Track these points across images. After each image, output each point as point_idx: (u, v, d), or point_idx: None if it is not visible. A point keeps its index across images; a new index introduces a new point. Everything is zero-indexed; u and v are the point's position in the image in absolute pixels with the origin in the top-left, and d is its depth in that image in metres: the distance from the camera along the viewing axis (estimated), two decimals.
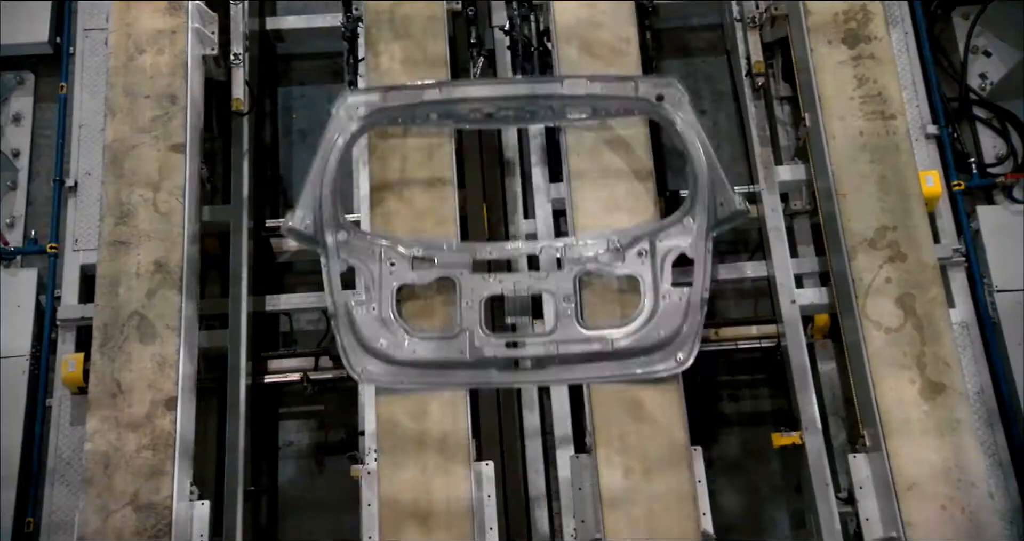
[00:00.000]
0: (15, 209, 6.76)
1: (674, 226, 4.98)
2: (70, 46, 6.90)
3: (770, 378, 6.11)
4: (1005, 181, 6.53)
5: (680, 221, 4.97)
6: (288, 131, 7.08)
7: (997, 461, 5.86)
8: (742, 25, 6.28)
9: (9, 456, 6.02)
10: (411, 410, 5.06)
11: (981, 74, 6.89)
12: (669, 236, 4.97)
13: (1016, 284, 6.20)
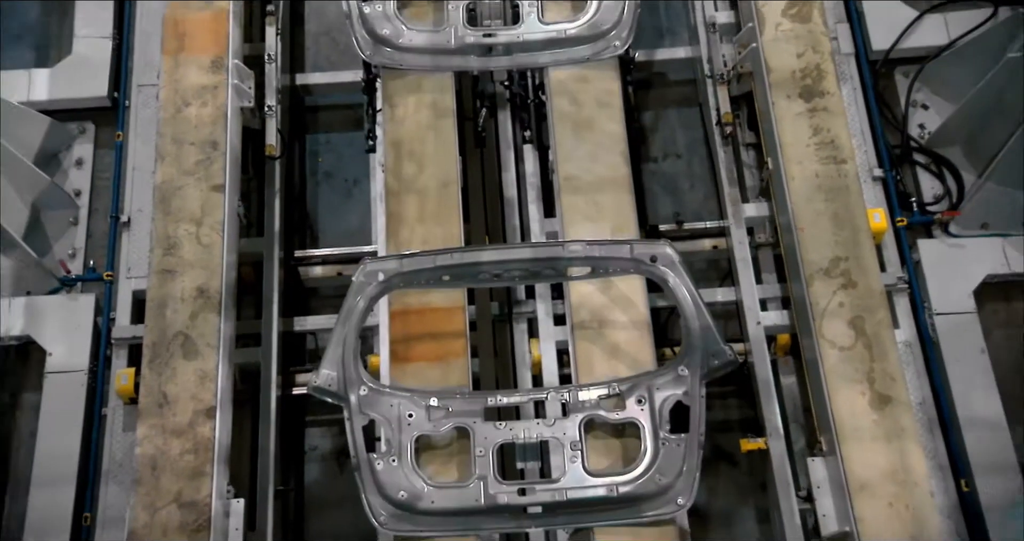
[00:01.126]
0: (76, 242, 6.78)
1: (670, 374, 4.97)
2: (126, 100, 6.92)
3: (738, 390, 6.13)
4: (942, 218, 6.58)
5: (675, 370, 4.96)
6: (314, 173, 7.09)
7: (937, 464, 5.91)
8: (712, 81, 6.34)
9: (69, 459, 6.04)
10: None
11: (920, 124, 6.96)
12: (665, 384, 4.96)
13: (952, 308, 6.27)
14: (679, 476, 4.88)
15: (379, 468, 4.87)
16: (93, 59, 7.12)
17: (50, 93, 7.03)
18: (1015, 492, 5.90)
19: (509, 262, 5.11)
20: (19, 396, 6.52)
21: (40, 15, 7.53)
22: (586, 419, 5.01)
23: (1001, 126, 6.44)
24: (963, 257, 6.45)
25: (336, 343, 5.00)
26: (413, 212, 5.74)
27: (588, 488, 4.87)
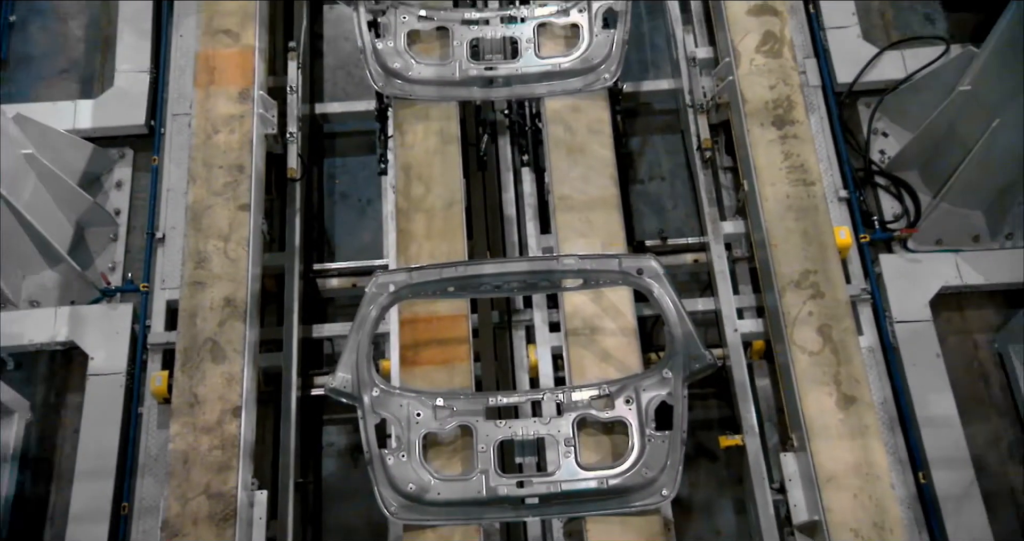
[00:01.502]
0: (116, 256, 6.75)
1: (655, 377, 4.93)
2: (161, 127, 6.90)
3: (717, 391, 6.08)
4: (901, 235, 6.53)
5: (660, 372, 4.93)
6: (332, 193, 7.04)
7: (897, 458, 5.87)
8: (693, 110, 6.27)
9: (109, 453, 6.00)
10: None
11: (881, 150, 6.92)
12: (651, 386, 4.92)
13: (911, 316, 6.25)
14: (663, 470, 4.84)
15: (390, 462, 4.84)
16: (132, 91, 7.09)
17: (93, 122, 7.00)
18: (968, 483, 5.86)
19: (508, 274, 5.08)
20: (64, 396, 6.46)
21: (85, 51, 7.49)
22: (579, 418, 4.98)
23: (953, 152, 6.38)
24: (920, 271, 6.43)
25: (351, 349, 4.96)
26: (421, 229, 5.70)
27: (580, 481, 4.84)
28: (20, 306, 6.47)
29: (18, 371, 6.49)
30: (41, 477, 6.27)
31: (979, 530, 5.79)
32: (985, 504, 5.85)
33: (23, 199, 6.16)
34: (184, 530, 4.85)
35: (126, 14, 7.33)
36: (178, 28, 7.11)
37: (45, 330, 6.32)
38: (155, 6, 7.34)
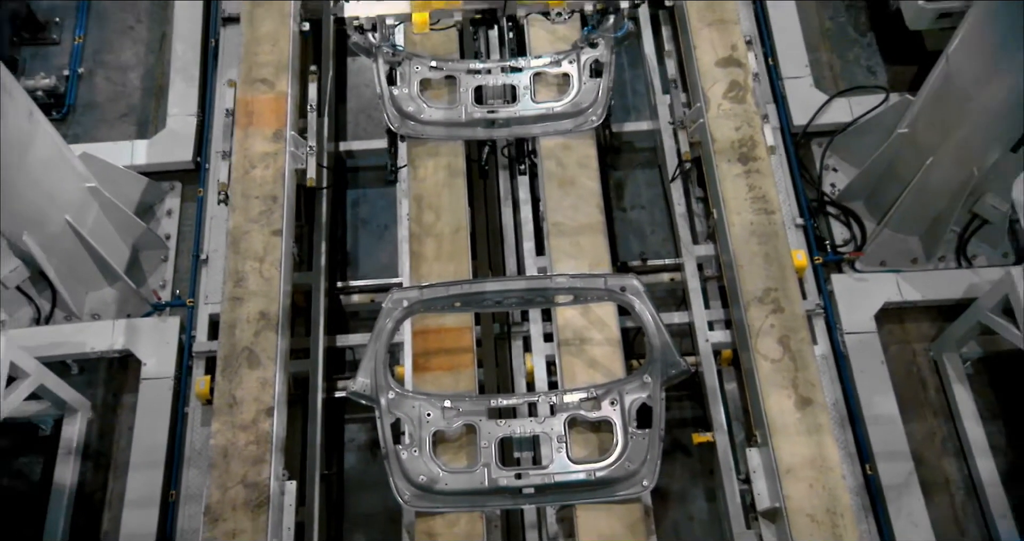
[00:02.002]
0: (166, 275, 6.70)
1: (636, 381, 4.89)
2: (206, 163, 6.86)
3: (691, 394, 6.00)
4: (849, 257, 6.53)
5: (641, 378, 4.89)
6: (354, 220, 6.98)
7: (847, 452, 5.81)
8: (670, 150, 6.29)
9: (158, 448, 5.98)
10: None
11: (831, 183, 6.87)
12: (633, 389, 4.88)
13: (858, 328, 6.22)
14: (644, 463, 4.79)
15: (403, 457, 4.79)
16: (181, 132, 7.05)
17: (148, 158, 6.97)
18: (907, 474, 5.84)
19: (508, 292, 5.02)
20: (120, 397, 6.40)
21: (142, 98, 7.46)
22: (570, 417, 4.91)
23: (894, 186, 6.36)
24: (866, 288, 6.39)
25: (369, 356, 4.91)
26: (431, 252, 5.65)
27: (571, 473, 4.78)
28: (83, 318, 6.43)
29: (81, 375, 6.42)
30: (100, 468, 6.20)
31: (917, 515, 5.74)
32: (923, 492, 5.82)
33: (87, 226, 6.12)
34: (224, 515, 4.78)
35: (177, 66, 7.30)
36: (221, 77, 7.03)
37: (104, 339, 6.26)
38: (202, 59, 7.31)
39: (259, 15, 6.10)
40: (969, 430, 6.02)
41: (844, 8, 7.66)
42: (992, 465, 5.92)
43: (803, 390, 5.03)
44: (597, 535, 4.87)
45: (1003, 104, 5.39)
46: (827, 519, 4.74)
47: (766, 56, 7.17)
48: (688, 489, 6.03)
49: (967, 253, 6.55)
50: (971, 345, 6.23)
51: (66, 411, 6.12)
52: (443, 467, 4.82)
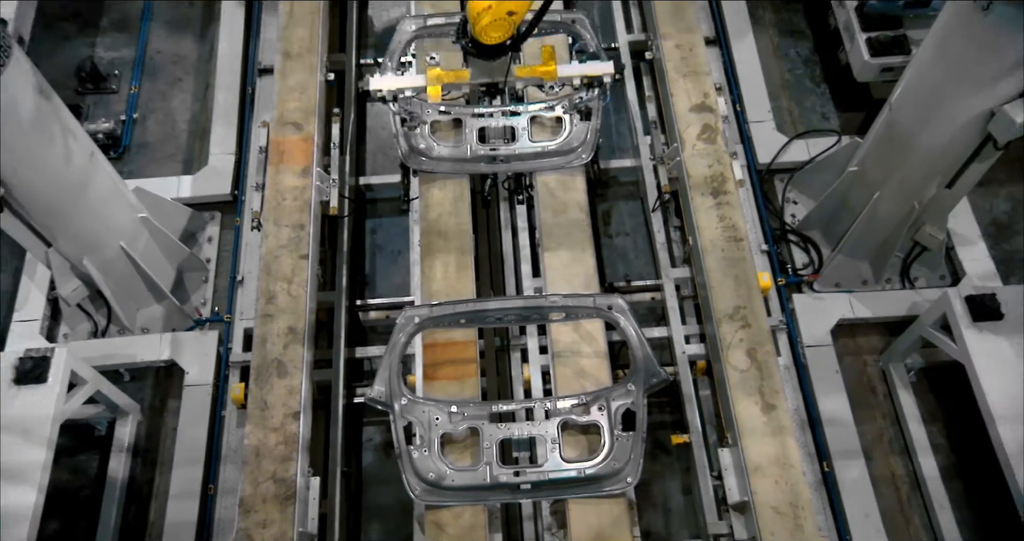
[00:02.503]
0: (206, 294, 6.59)
1: (621, 389, 4.85)
2: (242, 195, 6.77)
3: (670, 400, 5.86)
4: (808, 279, 6.43)
5: (625, 386, 4.84)
6: (372, 246, 6.87)
7: (807, 452, 5.72)
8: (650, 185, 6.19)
9: (199, 446, 5.88)
10: None
11: (792, 214, 6.77)
12: (618, 396, 4.83)
13: (816, 342, 6.13)
14: (628, 462, 4.74)
15: (415, 456, 4.74)
16: (221, 168, 6.96)
17: (192, 192, 6.87)
18: (860, 471, 5.75)
19: (507, 310, 4.99)
20: (166, 402, 6.29)
21: (187, 139, 7.38)
22: (562, 421, 4.86)
23: (846, 217, 6.26)
24: (823, 307, 6.28)
25: (385, 367, 4.86)
26: (439, 273, 5.57)
27: (564, 471, 4.73)
28: (134, 332, 6.32)
29: (132, 382, 6.32)
30: (148, 464, 6.08)
31: (868, 506, 5.64)
32: (873, 486, 5.73)
33: (139, 251, 6.02)
34: (256, 507, 4.70)
35: (218, 112, 7.22)
36: (256, 121, 6.99)
37: (152, 351, 6.17)
38: (240, 105, 7.24)
39: (290, 67, 6.05)
40: (913, 431, 5.93)
41: (801, 62, 7.64)
42: (933, 462, 5.83)
43: (768, 397, 4.95)
44: (586, 526, 4.79)
45: (939, 147, 5.34)
46: (789, 511, 4.65)
47: (734, 103, 7.12)
48: (667, 485, 5.90)
49: (910, 276, 6.45)
50: (914, 356, 6.15)
51: (119, 414, 6.03)
52: (450, 465, 4.77)
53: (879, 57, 6.61)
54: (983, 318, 5.15)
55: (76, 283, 5.99)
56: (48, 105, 4.93)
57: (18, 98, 4.66)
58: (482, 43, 4.62)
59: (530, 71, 5.21)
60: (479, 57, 4.86)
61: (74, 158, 5.21)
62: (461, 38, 4.78)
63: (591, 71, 5.29)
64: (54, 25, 7.83)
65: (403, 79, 5.34)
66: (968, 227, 6.54)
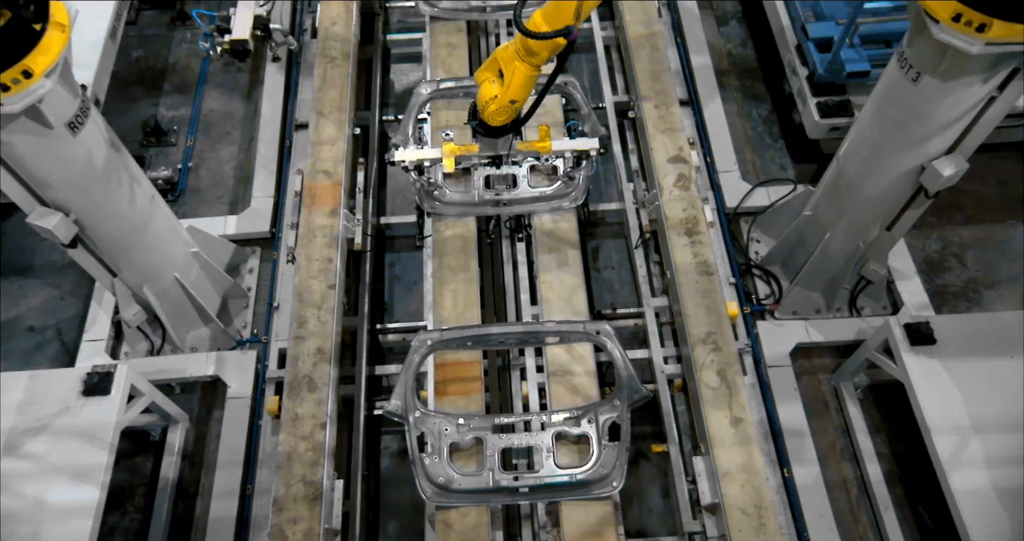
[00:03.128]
0: (247, 318, 6.49)
1: (608, 404, 4.76)
2: (279, 232, 6.71)
3: (650, 414, 5.66)
4: (770, 308, 6.33)
5: (611, 402, 4.75)
6: (390, 277, 6.77)
7: (769, 459, 5.57)
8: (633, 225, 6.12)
9: (239, 451, 5.78)
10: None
11: (755, 251, 6.67)
12: (605, 411, 4.75)
13: (778, 363, 6.04)
14: (614, 468, 4.63)
15: (426, 462, 4.63)
16: (261, 210, 6.91)
17: (236, 229, 6.80)
18: (815, 476, 5.63)
19: (508, 334, 4.92)
20: (211, 412, 6.16)
21: (233, 184, 7.32)
22: (556, 432, 4.75)
23: (802, 254, 6.18)
24: (783, 332, 6.17)
25: (401, 383, 4.76)
26: (449, 302, 5.46)
27: (557, 476, 4.62)
28: (185, 351, 6.21)
29: (182, 394, 6.21)
30: (195, 466, 5.95)
31: (823, 508, 5.50)
32: (827, 489, 5.59)
33: (190, 280, 5.94)
34: (288, 506, 4.57)
35: (260, 161, 7.19)
36: (292, 169, 6.92)
37: (200, 367, 6.06)
38: (279, 155, 7.20)
39: (322, 123, 6.00)
40: (860, 441, 5.82)
41: (761, 121, 7.60)
42: (878, 468, 5.73)
43: (736, 411, 4.83)
44: (577, 525, 4.67)
45: (879, 195, 5.28)
46: (754, 512, 4.54)
47: (705, 155, 7.05)
48: (648, 488, 5.77)
49: (857, 306, 6.34)
50: (861, 376, 6.03)
51: (170, 422, 5.92)
52: (457, 471, 4.67)
53: (827, 118, 6.57)
54: (919, 343, 5.07)
55: (136, 308, 5.91)
56: (118, 156, 4.90)
57: (93, 151, 4.63)
58: (489, 125, 4.64)
59: (528, 146, 5.21)
60: (486, 136, 4.84)
61: (138, 201, 5.17)
62: (472, 120, 4.78)
63: (580, 147, 5.31)
64: (125, 89, 7.85)
65: (424, 152, 5.33)
66: (905, 264, 6.46)
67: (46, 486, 4.61)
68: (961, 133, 4.70)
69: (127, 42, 7.87)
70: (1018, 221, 6.84)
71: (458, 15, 5.57)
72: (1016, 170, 7.07)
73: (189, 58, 8.10)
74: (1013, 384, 4.89)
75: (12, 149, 4.30)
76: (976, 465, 4.67)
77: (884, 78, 4.79)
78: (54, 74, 3.99)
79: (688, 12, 7.94)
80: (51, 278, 6.71)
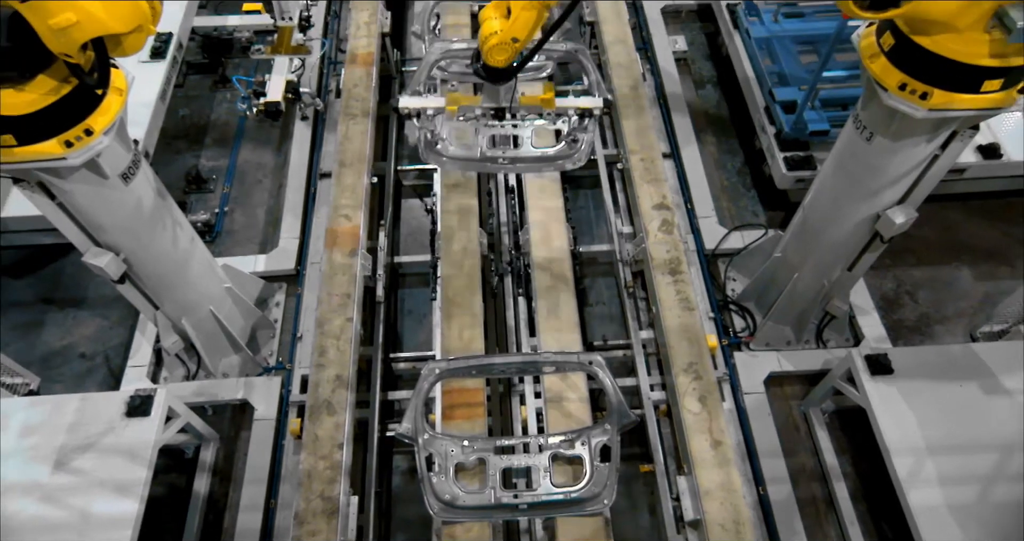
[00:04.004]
0: (273, 347, 6.47)
1: (600, 428, 4.65)
2: (304, 270, 6.74)
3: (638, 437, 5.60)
4: (745, 340, 6.33)
5: (603, 426, 4.65)
6: (402, 310, 6.76)
7: (746, 478, 5.56)
8: (622, 264, 6.05)
9: (264, 469, 5.73)
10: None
11: (732, 289, 6.68)
12: (597, 434, 4.63)
13: (753, 390, 6.02)
14: (605, 487, 4.50)
15: (434, 481, 4.51)
16: (288, 249, 6.93)
17: (265, 267, 6.82)
18: (787, 494, 5.58)
19: (509, 364, 4.81)
20: (239, 432, 6.10)
21: (263, 227, 7.34)
22: (552, 454, 4.65)
23: (773, 292, 6.19)
24: (757, 362, 6.17)
25: (411, 408, 4.66)
26: (456, 334, 5.42)
27: (553, 494, 4.48)
28: (217, 376, 6.20)
29: (214, 416, 6.17)
30: (224, 482, 5.89)
31: (795, 523, 5.46)
32: (798, 506, 5.55)
33: (223, 313, 5.94)
34: (307, 519, 4.50)
35: (288, 206, 7.24)
36: (317, 213, 7.03)
37: (230, 391, 6.05)
38: (304, 201, 7.25)
39: (344, 173, 6.02)
40: (828, 461, 5.77)
41: (735, 173, 7.65)
42: (844, 486, 5.67)
43: (716, 435, 4.78)
44: (571, 539, 4.61)
45: (840, 240, 5.32)
46: (733, 527, 4.47)
47: (686, 202, 7.13)
48: (636, 505, 5.71)
49: (823, 338, 6.34)
50: (828, 402, 6.00)
51: (203, 441, 5.89)
52: (462, 489, 4.57)
53: (793, 171, 6.64)
54: (879, 373, 5.08)
55: (175, 337, 5.92)
56: (163, 203, 4.96)
57: (142, 198, 4.69)
58: (490, 66, 4.17)
59: (531, 99, 4.72)
60: (487, 80, 4.37)
61: (179, 242, 5.21)
62: (475, 62, 4.31)
63: (584, 104, 4.76)
64: (171, 142, 7.93)
65: (427, 100, 4.91)
66: (865, 301, 6.47)
67: (91, 498, 4.59)
68: (910, 186, 4.78)
69: (175, 102, 8.01)
70: (962, 263, 6.90)
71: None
72: (958, 218, 7.17)
73: (228, 116, 8.22)
74: (962, 409, 4.91)
75: (72, 197, 4.39)
76: (931, 483, 4.66)
77: (842, 137, 4.88)
78: (111, 132, 4.08)
79: (669, 76, 8.11)
80: (101, 310, 6.73)
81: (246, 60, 8.51)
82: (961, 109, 4.00)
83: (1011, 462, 4.70)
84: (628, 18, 7.02)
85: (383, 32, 7.08)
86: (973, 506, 4.58)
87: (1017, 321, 5.93)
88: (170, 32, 7.01)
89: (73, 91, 3.79)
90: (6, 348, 6.32)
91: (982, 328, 6.29)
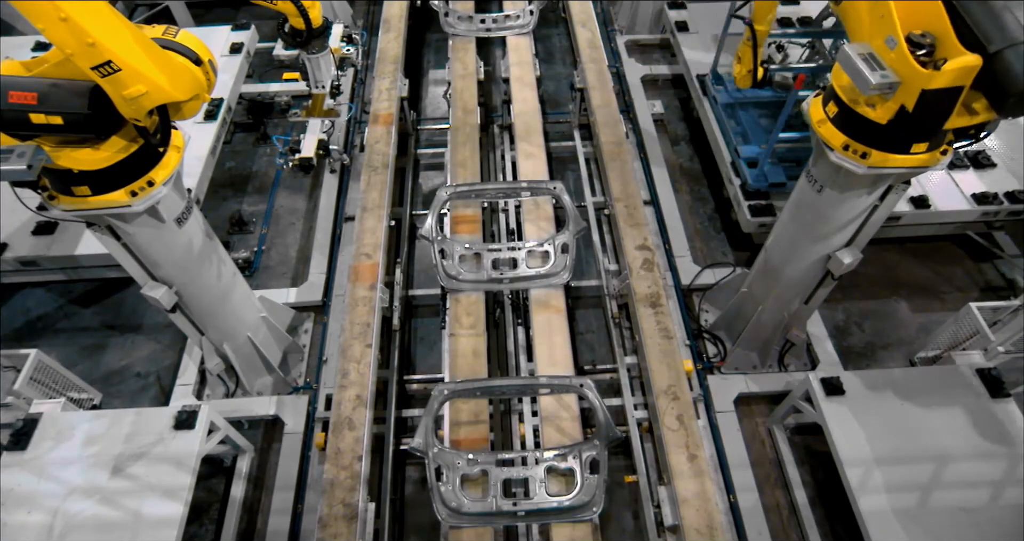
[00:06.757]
0: (302, 369, 6.43)
1: (589, 444, 4.69)
2: (329, 301, 6.74)
3: (624, 451, 5.64)
4: (717, 365, 6.30)
5: (592, 442, 4.69)
6: (415, 338, 6.73)
7: (719, 487, 5.50)
8: (608, 297, 6.06)
9: (292, 477, 5.68)
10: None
11: (705, 319, 6.67)
12: (587, 449, 4.67)
13: (724, 409, 5.97)
14: (594, 496, 4.52)
15: (442, 490, 4.52)
16: (316, 283, 6.93)
17: (296, 299, 6.81)
18: (755, 502, 5.52)
19: (509, 386, 4.82)
20: (271, 444, 6.05)
21: (295, 263, 7.33)
22: (547, 466, 4.65)
23: (741, 322, 6.19)
24: (727, 384, 6.13)
25: (423, 425, 4.68)
26: (462, 359, 5.38)
27: (548, 503, 4.50)
28: (252, 394, 6.16)
29: (249, 429, 6.11)
30: (258, 488, 5.82)
31: (761, 527, 5.42)
32: (764, 512, 5.51)
33: (259, 339, 5.93)
34: (330, 523, 4.44)
35: (316, 246, 7.25)
36: (342, 252, 7.05)
37: (264, 408, 6.01)
38: (331, 241, 7.28)
39: (365, 217, 6.06)
40: (790, 472, 5.73)
41: (707, 218, 7.69)
42: (804, 494, 5.62)
43: (692, 449, 4.74)
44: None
45: (797, 277, 5.35)
46: (707, 531, 4.41)
47: (664, 243, 7.16)
48: (622, 512, 5.64)
49: (784, 363, 6.33)
50: (789, 419, 5.98)
51: (239, 452, 5.85)
52: (467, 497, 4.56)
53: (756, 217, 6.67)
54: (832, 393, 5.08)
55: (217, 360, 5.91)
56: (210, 242, 5.01)
57: (193, 239, 4.75)
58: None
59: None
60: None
61: (223, 277, 5.24)
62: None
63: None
64: (218, 190, 8.01)
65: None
66: (820, 330, 6.48)
67: (143, 501, 4.58)
68: (856, 231, 4.85)
69: (222, 156, 8.13)
70: (900, 298, 6.97)
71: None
72: (896, 259, 7.27)
73: (267, 168, 8.30)
74: (904, 425, 4.92)
75: (133, 238, 4.47)
76: (879, 490, 4.64)
77: (797, 189, 4.96)
78: (169, 183, 4.22)
79: (649, 134, 8.22)
80: (155, 335, 6.73)
81: (284, 121, 8.69)
82: (894, 167, 4.13)
83: (946, 471, 4.72)
84: (612, 85, 7.13)
85: (401, 96, 7.20)
86: (915, 510, 4.58)
87: (948, 348, 5.94)
88: (221, 98, 7.15)
89: (139, 149, 3.96)
90: (74, 367, 6.33)
91: (919, 354, 6.30)
